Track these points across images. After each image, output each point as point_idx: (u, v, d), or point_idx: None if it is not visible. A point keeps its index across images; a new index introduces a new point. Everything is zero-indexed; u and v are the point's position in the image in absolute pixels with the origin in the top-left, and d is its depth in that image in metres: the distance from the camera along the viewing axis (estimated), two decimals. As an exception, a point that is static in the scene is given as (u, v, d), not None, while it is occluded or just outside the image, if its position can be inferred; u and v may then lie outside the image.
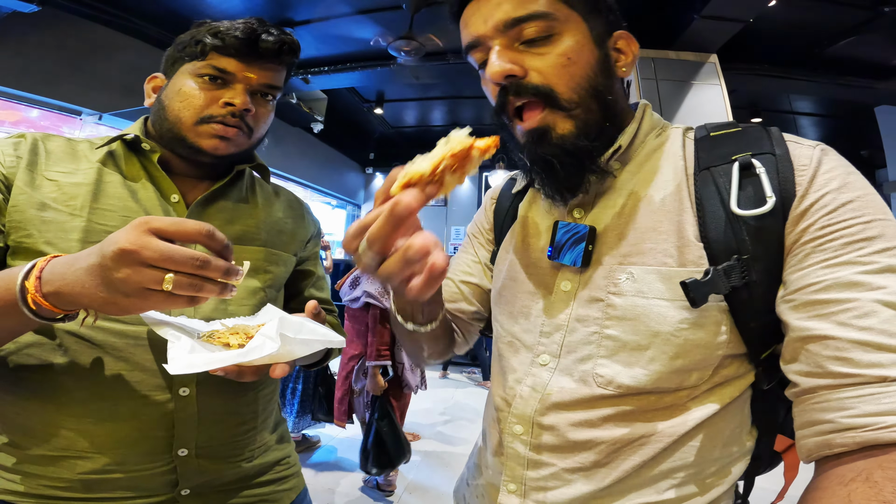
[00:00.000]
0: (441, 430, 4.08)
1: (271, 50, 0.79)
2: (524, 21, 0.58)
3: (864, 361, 0.44)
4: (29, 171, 0.72)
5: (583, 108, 0.59)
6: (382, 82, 5.57)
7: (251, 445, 0.84)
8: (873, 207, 0.50)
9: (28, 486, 0.69)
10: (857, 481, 0.42)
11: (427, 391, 4.53)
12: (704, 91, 4.04)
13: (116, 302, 0.50)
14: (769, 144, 0.56)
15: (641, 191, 0.62)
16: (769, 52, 4.26)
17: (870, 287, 0.46)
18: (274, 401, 0.92)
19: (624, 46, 0.64)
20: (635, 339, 0.57)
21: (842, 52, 4.12)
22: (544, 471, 0.62)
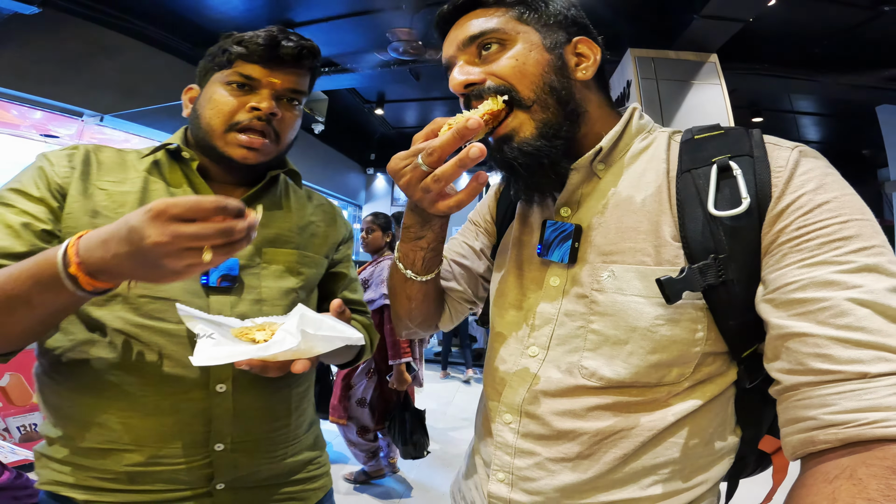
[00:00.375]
0: (441, 430, 4.08)
1: (292, 54, 0.82)
2: (479, 37, 0.66)
3: (844, 358, 0.45)
4: (82, 181, 0.77)
5: (540, 105, 0.64)
6: (383, 82, 5.57)
7: (284, 442, 0.87)
8: (850, 208, 0.51)
9: (77, 478, 0.74)
10: (842, 478, 0.42)
11: (426, 391, 4.53)
12: (705, 91, 4.04)
13: (167, 277, 0.55)
14: (748, 147, 0.58)
15: (624, 192, 0.65)
16: (769, 51, 4.26)
17: (846, 286, 0.47)
18: (307, 399, 0.95)
19: (585, 50, 0.67)
20: (616, 334, 0.60)
21: (842, 52, 4.12)
22: (530, 460, 0.64)
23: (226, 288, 0.80)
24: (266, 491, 0.85)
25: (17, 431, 2.77)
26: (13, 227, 0.69)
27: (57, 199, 0.75)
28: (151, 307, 0.74)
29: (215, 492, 0.78)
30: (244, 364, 0.63)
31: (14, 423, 2.76)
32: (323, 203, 1.03)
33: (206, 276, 0.78)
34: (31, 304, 0.58)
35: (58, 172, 0.76)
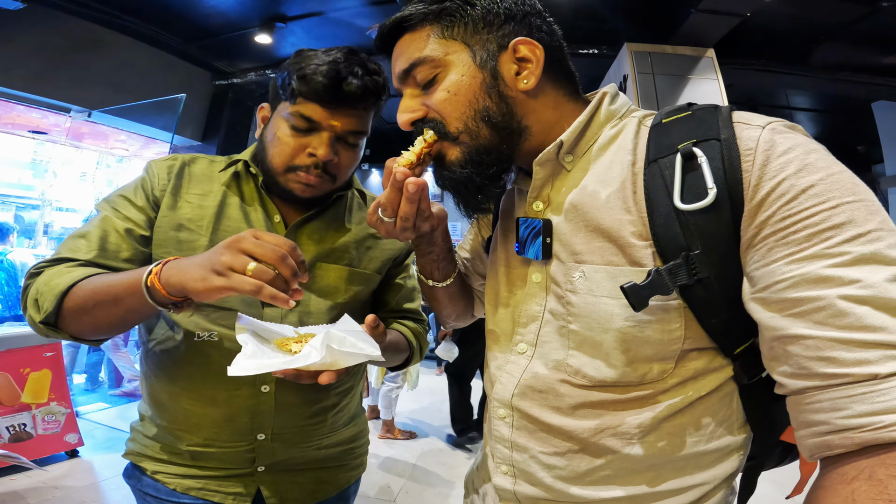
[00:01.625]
0: (438, 428, 4.07)
1: (354, 95, 0.81)
2: (411, 70, 0.64)
3: (850, 360, 0.42)
4: (173, 195, 0.87)
5: (469, 135, 0.62)
6: (378, 77, 5.52)
7: (319, 435, 0.96)
8: (839, 189, 0.45)
9: (153, 451, 0.90)
10: (860, 479, 0.41)
11: (422, 388, 4.52)
12: (701, 86, 4.02)
13: (206, 278, 0.62)
14: (716, 128, 0.52)
15: (590, 186, 0.60)
16: (766, 46, 4.24)
17: (841, 282, 0.43)
18: (349, 397, 1.02)
19: (527, 53, 0.61)
20: (591, 335, 0.58)
21: (839, 47, 4.11)
22: (525, 454, 0.65)
23: None
24: (301, 474, 0.96)
25: (7, 431, 2.73)
26: (119, 231, 0.82)
27: (154, 210, 0.86)
28: (216, 315, 0.85)
29: (256, 473, 0.91)
30: (278, 373, 0.68)
31: (2, 423, 2.72)
32: None
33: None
34: (122, 305, 0.70)
35: (156, 185, 0.87)
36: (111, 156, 5.07)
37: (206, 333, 0.85)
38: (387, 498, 2.86)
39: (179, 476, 0.89)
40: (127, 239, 0.82)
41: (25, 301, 0.77)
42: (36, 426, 2.87)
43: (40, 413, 2.90)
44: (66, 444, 2.99)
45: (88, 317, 0.73)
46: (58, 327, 0.74)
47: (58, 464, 2.92)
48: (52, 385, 2.97)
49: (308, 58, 0.82)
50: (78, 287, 0.73)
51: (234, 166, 0.92)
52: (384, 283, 1.04)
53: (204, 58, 4.94)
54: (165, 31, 4.32)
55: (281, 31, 4.33)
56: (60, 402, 2.99)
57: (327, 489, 1.00)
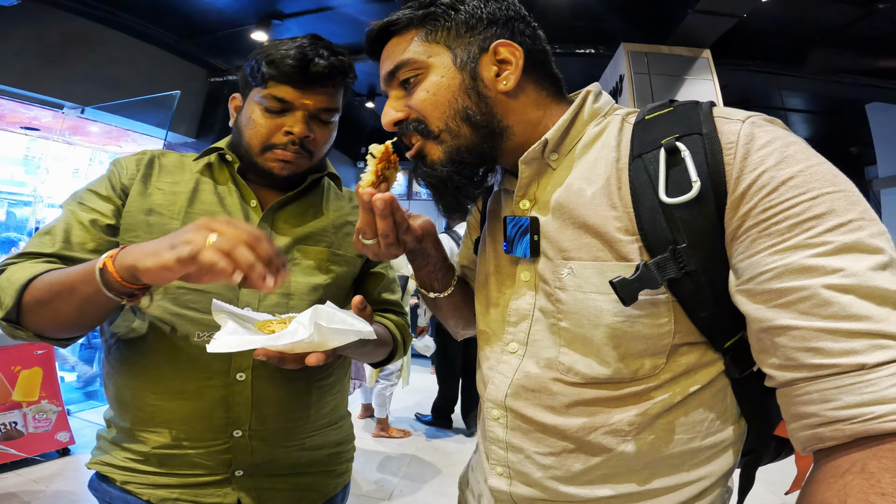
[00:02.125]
0: (431, 427, 4.07)
1: (322, 74, 0.84)
2: (395, 72, 0.65)
3: (837, 350, 0.42)
4: (143, 182, 0.86)
5: (450, 134, 0.63)
6: (374, 76, 5.50)
7: (302, 434, 0.91)
8: (819, 180, 0.46)
9: (118, 459, 0.83)
10: (852, 473, 0.41)
11: (414, 386, 4.52)
12: (697, 86, 4.03)
13: (159, 252, 0.59)
14: (697, 123, 0.53)
15: (576, 184, 0.61)
16: (762, 47, 4.26)
17: (824, 271, 0.43)
18: (333, 394, 0.98)
19: (507, 55, 0.63)
20: (582, 332, 0.58)
21: (835, 49, 4.13)
22: (520, 454, 0.64)
23: None
24: (284, 480, 0.90)
25: (-3, 430, 2.71)
26: (84, 223, 0.80)
27: (121, 198, 0.84)
28: (187, 297, 0.81)
29: (234, 478, 0.84)
30: (261, 354, 0.65)
31: (-7, 421, 2.70)
32: None
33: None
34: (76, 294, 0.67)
35: (123, 175, 0.86)
36: (104, 153, 5.04)
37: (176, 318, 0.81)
38: (381, 496, 2.85)
39: (150, 486, 0.82)
40: (91, 230, 0.80)
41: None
42: (27, 424, 2.84)
43: (31, 411, 2.87)
44: (57, 442, 2.97)
45: (47, 311, 0.70)
46: (20, 324, 0.71)
47: (49, 462, 2.89)
48: (43, 383, 2.95)
49: (275, 45, 0.85)
50: (37, 280, 0.70)
51: (208, 156, 0.92)
52: (364, 272, 1.02)
53: (199, 54, 4.91)
54: (161, 27, 4.29)
55: (277, 28, 4.31)
56: (51, 400, 2.97)
57: (313, 497, 0.95)
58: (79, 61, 3.77)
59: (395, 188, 4.46)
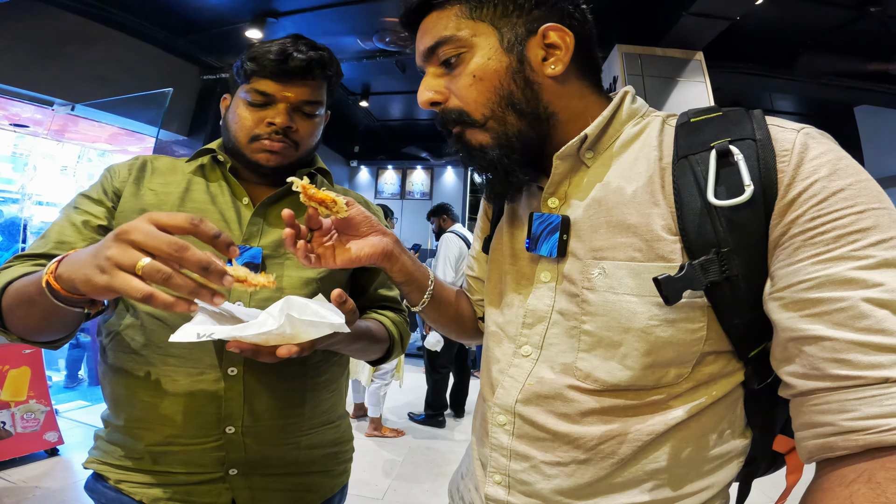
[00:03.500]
0: (425, 427, 4.07)
1: (301, 68, 0.87)
2: (436, 48, 0.62)
3: (864, 363, 0.42)
4: (135, 184, 0.88)
5: (496, 121, 0.61)
6: (368, 75, 5.49)
7: (296, 432, 0.90)
8: (867, 195, 0.46)
9: (113, 457, 0.84)
10: (859, 482, 0.41)
11: (408, 386, 4.52)
12: (689, 88, 4.06)
13: (90, 277, 0.53)
14: (750, 129, 0.53)
15: (614, 182, 0.60)
16: (754, 50, 4.29)
17: (865, 284, 0.43)
18: (331, 391, 0.97)
19: (556, 39, 0.60)
20: (609, 336, 0.56)
21: (825, 52, 4.17)
22: (525, 463, 0.62)
23: None
24: (280, 480, 0.89)
25: (-16, 431, 2.68)
26: (76, 224, 0.82)
27: (112, 201, 0.86)
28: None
29: (228, 477, 0.84)
30: (234, 347, 0.64)
31: (-20, 422, 2.67)
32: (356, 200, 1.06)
33: (230, 264, 0.82)
34: (36, 305, 0.64)
35: (115, 179, 0.89)
36: (93, 150, 4.98)
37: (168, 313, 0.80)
38: (375, 496, 2.85)
39: (144, 485, 0.82)
40: (83, 230, 0.82)
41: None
42: (15, 424, 2.81)
43: (19, 411, 2.84)
44: (45, 442, 2.93)
45: (17, 318, 0.69)
46: (6, 328, 0.71)
47: (37, 462, 2.86)
48: (31, 382, 2.92)
49: (259, 45, 0.89)
50: (12, 285, 0.69)
51: (201, 158, 0.94)
52: (361, 268, 1.00)
53: (192, 52, 4.86)
54: (154, 24, 4.24)
55: (272, 27, 4.28)
56: (40, 399, 2.94)
57: (310, 498, 0.94)
58: (70, 58, 3.72)
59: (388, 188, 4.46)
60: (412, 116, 7.06)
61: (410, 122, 7.20)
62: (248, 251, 0.86)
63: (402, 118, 7.13)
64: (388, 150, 7.81)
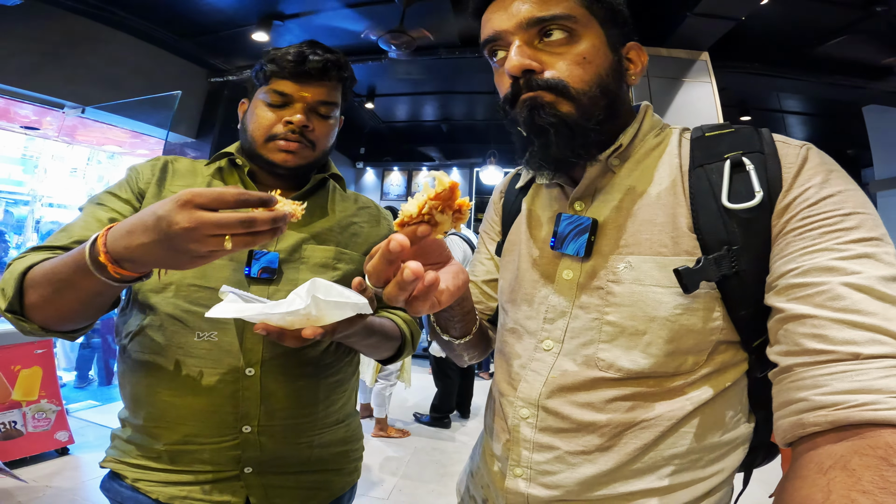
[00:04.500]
0: (430, 427, 4.07)
1: (317, 69, 0.91)
2: (548, 21, 0.62)
3: (839, 338, 0.46)
4: (158, 186, 0.91)
5: (589, 100, 0.63)
6: (373, 77, 5.51)
7: (310, 431, 0.93)
8: (853, 201, 0.53)
9: (131, 457, 0.86)
10: (836, 469, 0.42)
11: (415, 386, 4.53)
12: (695, 89, 4.05)
13: (188, 263, 0.59)
14: (759, 144, 0.60)
15: (639, 186, 0.66)
16: (760, 50, 4.27)
17: (845, 272, 0.49)
18: (340, 391, 1.00)
19: (635, 57, 0.68)
20: (633, 325, 0.61)
21: (832, 51, 4.15)
22: (549, 454, 0.65)
23: (266, 279, 0.88)
24: (293, 478, 0.92)
25: (-4, 429, 2.71)
26: (102, 221, 0.82)
27: (139, 201, 0.88)
28: (198, 295, 0.84)
29: (244, 475, 0.86)
30: (261, 329, 0.67)
31: (-8, 421, 2.70)
32: (369, 206, 1.11)
33: (249, 268, 0.88)
34: (75, 287, 0.65)
35: (140, 179, 0.91)
36: (102, 152, 5.03)
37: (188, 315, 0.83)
38: (380, 496, 2.86)
39: (161, 483, 0.84)
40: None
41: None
42: (26, 424, 2.84)
43: (31, 410, 2.88)
44: (56, 441, 2.97)
45: (45, 300, 0.68)
46: (25, 316, 0.70)
47: (48, 461, 2.89)
48: (42, 382, 2.95)
49: (277, 49, 0.93)
50: (35, 269, 0.70)
51: (219, 161, 0.96)
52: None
53: (200, 55, 4.91)
54: (162, 27, 4.29)
55: (278, 29, 4.31)
56: (51, 399, 2.97)
57: (321, 496, 0.96)
58: (80, 61, 3.77)
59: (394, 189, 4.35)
60: (418, 118, 7.08)
61: (416, 124, 7.22)
62: (265, 256, 0.88)
63: (407, 120, 7.15)
64: (393, 151, 7.84)
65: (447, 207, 0.53)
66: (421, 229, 0.52)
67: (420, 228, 0.52)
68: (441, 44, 4.33)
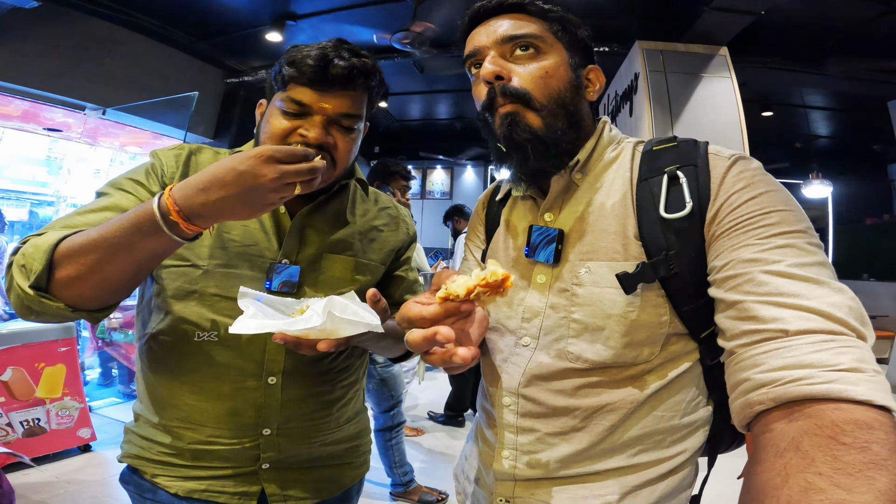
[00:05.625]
0: (444, 426, 4.07)
1: (342, 76, 0.81)
2: (519, 38, 0.72)
3: (768, 317, 0.51)
4: (182, 180, 0.85)
5: (550, 112, 0.71)
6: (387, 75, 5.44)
7: (325, 431, 0.96)
8: (774, 200, 0.59)
9: (151, 453, 0.87)
10: (790, 451, 0.43)
11: (430, 386, 4.53)
12: (714, 84, 3.98)
13: (259, 211, 0.68)
14: (695, 156, 0.67)
15: (597, 198, 0.73)
16: (781, 44, 4.18)
17: (766, 262, 0.54)
18: (353, 391, 1.02)
19: (594, 78, 0.77)
20: (594, 322, 0.68)
21: (855, 46, 4.04)
22: (531, 436, 0.73)
23: (286, 293, 0.88)
24: (306, 472, 0.95)
25: (20, 426, 2.77)
26: (124, 208, 0.77)
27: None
28: (221, 304, 0.84)
29: (260, 471, 0.89)
30: (279, 339, 0.70)
31: (17, 417, 2.76)
32: (388, 206, 1.08)
33: (270, 282, 0.87)
34: (132, 249, 0.67)
35: (165, 171, 0.87)
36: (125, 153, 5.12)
37: (207, 334, 0.84)
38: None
39: (181, 478, 0.86)
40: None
41: (10, 276, 0.68)
42: (50, 421, 2.91)
43: (54, 408, 2.94)
44: (79, 438, 3.03)
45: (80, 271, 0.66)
46: (49, 293, 0.67)
47: (71, 458, 2.96)
48: (66, 380, 3.01)
49: (299, 48, 0.84)
50: (69, 240, 0.66)
51: None
52: (385, 276, 1.04)
53: (216, 56, 4.98)
54: (178, 29, 4.35)
55: (291, 29, 4.35)
56: (74, 396, 3.03)
57: (331, 488, 0.99)
58: (100, 63, 3.84)
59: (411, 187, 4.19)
60: (431, 116, 7.09)
61: (430, 122, 7.23)
62: (287, 270, 0.87)
63: (421, 118, 7.16)
64: (407, 149, 7.85)
65: (492, 293, 0.55)
66: (465, 307, 0.56)
67: (465, 306, 0.56)
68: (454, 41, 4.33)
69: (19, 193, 4.61)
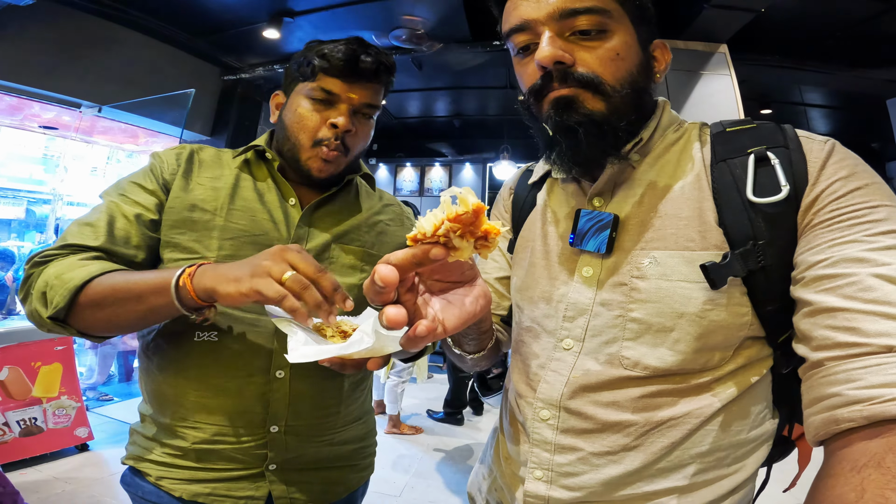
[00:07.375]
0: (443, 424, 4.07)
1: (370, 70, 0.88)
2: (581, 13, 0.60)
3: (872, 331, 0.45)
4: (184, 178, 0.89)
5: (621, 98, 0.62)
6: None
7: (332, 429, 0.95)
8: (880, 194, 0.52)
9: (155, 454, 0.86)
10: (870, 467, 0.40)
11: (429, 385, 4.53)
12: (714, 81, 3.96)
13: (240, 279, 0.64)
14: (783, 139, 0.59)
15: (661, 181, 0.65)
16: (781, 42, 4.16)
17: (874, 263, 0.47)
18: (360, 390, 1.02)
19: (660, 55, 0.68)
20: (660, 321, 0.59)
21: (855, 44, 4.02)
22: (572, 455, 0.63)
23: None
24: (312, 474, 0.94)
25: (17, 426, 2.77)
26: (128, 217, 0.82)
27: (164, 193, 0.87)
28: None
29: (267, 472, 0.88)
30: (325, 362, 0.67)
31: (13, 416, 2.76)
32: (392, 203, 1.11)
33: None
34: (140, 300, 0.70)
35: (165, 169, 0.88)
36: (122, 151, 5.10)
37: (207, 334, 0.84)
38: (392, 493, 2.87)
39: (185, 481, 0.84)
40: (136, 224, 0.82)
41: (28, 292, 0.75)
42: (46, 420, 2.90)
43: (51, 407, 2.93)
44: (76, 437, 3.03)
45: (104, 314, 0.72)
46: (67, 323, 0.73)
47: (68, 458, 2.95)
48: (62, 379, 3.00)
49: (326, 42, 0.90)
50: (96, 282, 0.71)
51: (246, 154, 0.94)
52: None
53: (212, 53, 4.94)
54: (174, 26, 4.32)
55: (289, 26, 4.32)
56: (71, 395, 3.03)
57: (337, 490, 0.98)
58: (95, 60, 3.82)
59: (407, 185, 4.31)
60: (430, 114, 7.06)
61: (428, 120, 7.20)
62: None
63: (419, 116, 7.13)
64: (406, 147, 7.83)
65: (468, 233, 0.44)
66: (434, 252, 0.43)
67: (433, 251, 0.43)
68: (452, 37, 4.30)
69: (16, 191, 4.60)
